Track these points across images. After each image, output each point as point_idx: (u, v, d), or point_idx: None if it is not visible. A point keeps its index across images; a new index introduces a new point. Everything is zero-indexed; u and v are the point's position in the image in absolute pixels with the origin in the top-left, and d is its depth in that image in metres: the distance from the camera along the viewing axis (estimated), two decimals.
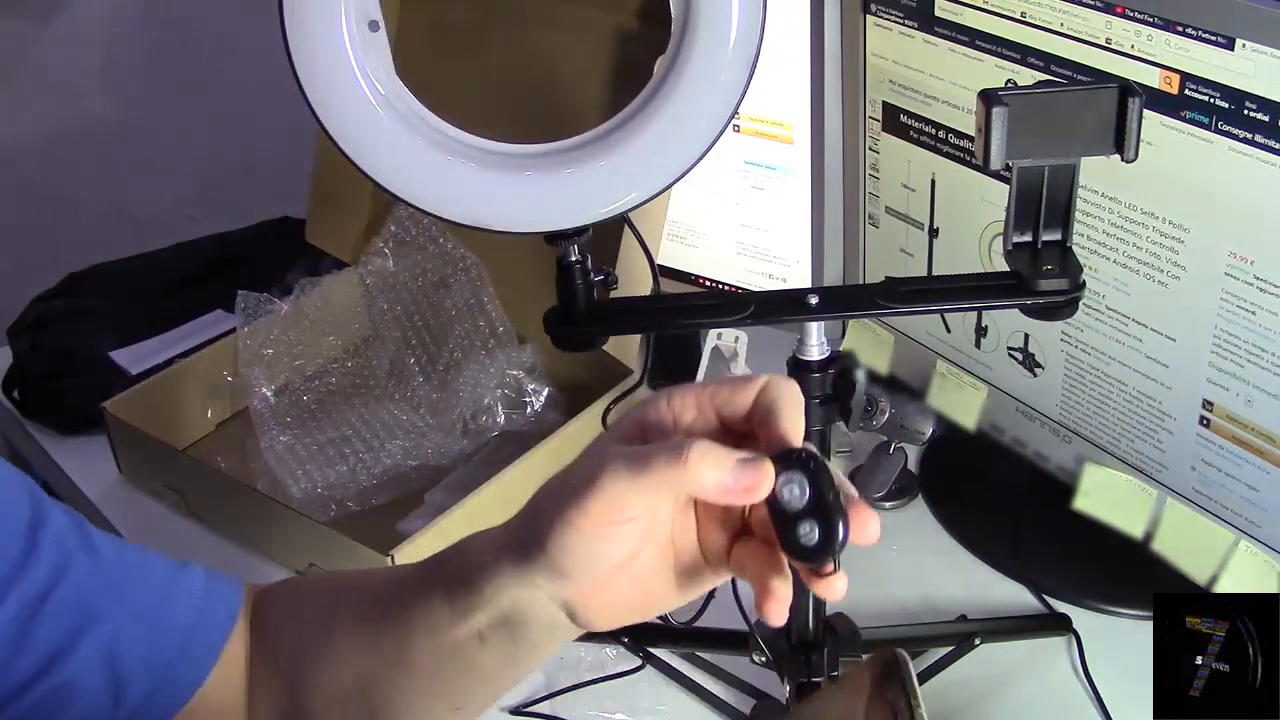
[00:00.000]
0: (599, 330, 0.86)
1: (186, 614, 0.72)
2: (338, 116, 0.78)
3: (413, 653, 0.64)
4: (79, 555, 0.69)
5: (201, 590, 0.73)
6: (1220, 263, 0.85)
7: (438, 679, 0.64)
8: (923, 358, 1.12)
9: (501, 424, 1.20)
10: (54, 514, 0.70)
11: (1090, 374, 0.99)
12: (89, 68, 2.01)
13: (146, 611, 0.71)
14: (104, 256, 1.51)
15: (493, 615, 0.60)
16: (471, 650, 0.61)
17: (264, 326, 1.27)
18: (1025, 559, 1.08)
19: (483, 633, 0.61)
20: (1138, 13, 0.84)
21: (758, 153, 1.19)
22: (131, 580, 0.71)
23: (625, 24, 1.20)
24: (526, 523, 0.58)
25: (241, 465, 1.22)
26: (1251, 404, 0.87)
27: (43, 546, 0.68)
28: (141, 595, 0.71)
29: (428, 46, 1.32)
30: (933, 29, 0.98)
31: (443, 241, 1.28)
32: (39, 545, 0.68)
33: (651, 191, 0.80)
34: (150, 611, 0.71)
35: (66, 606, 0.67)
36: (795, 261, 1.21)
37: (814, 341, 0.85)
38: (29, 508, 0.69)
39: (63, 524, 0.70)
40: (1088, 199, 0.92)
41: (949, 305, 0.90)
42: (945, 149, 1.02)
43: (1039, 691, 0.97)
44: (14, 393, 1.36)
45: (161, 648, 0.70)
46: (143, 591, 0.71)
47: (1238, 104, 0.80)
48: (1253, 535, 0.91)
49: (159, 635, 0.71)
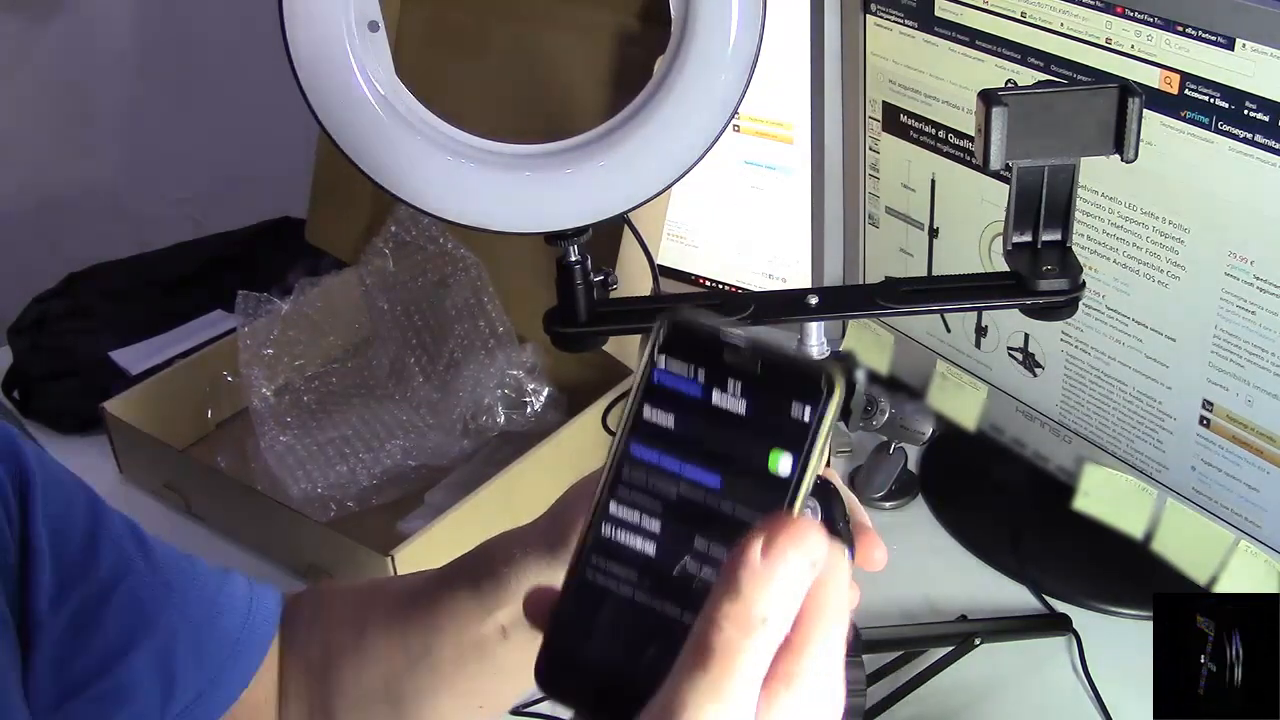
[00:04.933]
0: (599, 330, 0.86)
1: (234, 620, 0.73)
2: (338, 117, 0.78)
3: (439, 649, 0.65)
4: (136, 560, 0.70)
5: (246, 598, 0.74)
6: (1220, 263, 0.85)
7: (461, 675, 0.65)
8: (923, 358, 1.12)
9: (501, 424, 1.20)
10: (112, 519, 0.71)
11: (1090, 374, 0.99)
12: (89, 68, 2.00)
13: (198, 618, 0.72)
14: (104, 256, 1.51)
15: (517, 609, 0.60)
16: (494, 645, 0.63)
17: (264, 326, 1.27)
18: (1025, 559, 1.08)
19: (506, 627, 0.62)
20: (1138, 13, 0.84)
21: (758, 153, 1.19)
22: (184, 587, 0.72)
23: (625, 24, 1.20)
24: (555, 516, 0.59)
25: (241, 465, 1.22)
26: (1251, 404, 0.87)
27: (102, 550, 0.69)
28: (193, 602, 0.72)
29: (428, 46, 1.32)
30: (933, 29, 0.98)
31: (443, 241, 1.27)
32: (98, 549, 0.68)
33: (651, 191, 0.80)
34: (201, 618, 0.72)
35: (124, 609, 0.68)
36: (795, 261, 1.21)
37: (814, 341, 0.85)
38: (88, 513, 0.70)
39: (120, 529, 0.71)
40: (1088, 199, 0.92)
41: (949, 305, 0.90)
42: (945, 149, 1.02)
43: (1039, 691, 0.97)
44: (14, 393, 1.36)
45: (211, 653, 0.71)
46: (194, 598, 0.72)
47: (1238, 104, 0.80)
48: (1253, 535, 0.91)
49: (209, 641, 0.71)
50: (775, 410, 0.42)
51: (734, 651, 0.39)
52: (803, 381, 0.42)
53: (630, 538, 0.44)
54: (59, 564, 0.66)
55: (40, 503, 0.66)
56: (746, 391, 0.43)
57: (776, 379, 0.42)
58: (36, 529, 0.66)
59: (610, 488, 0.44)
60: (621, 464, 0.44)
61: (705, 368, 0.43)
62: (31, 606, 0.65)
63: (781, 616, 0.40)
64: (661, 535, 0.43)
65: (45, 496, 0.67)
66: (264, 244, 1.52)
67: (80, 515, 0.69)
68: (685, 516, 0.43)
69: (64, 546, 0.67)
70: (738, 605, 0.39)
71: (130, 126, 2.04)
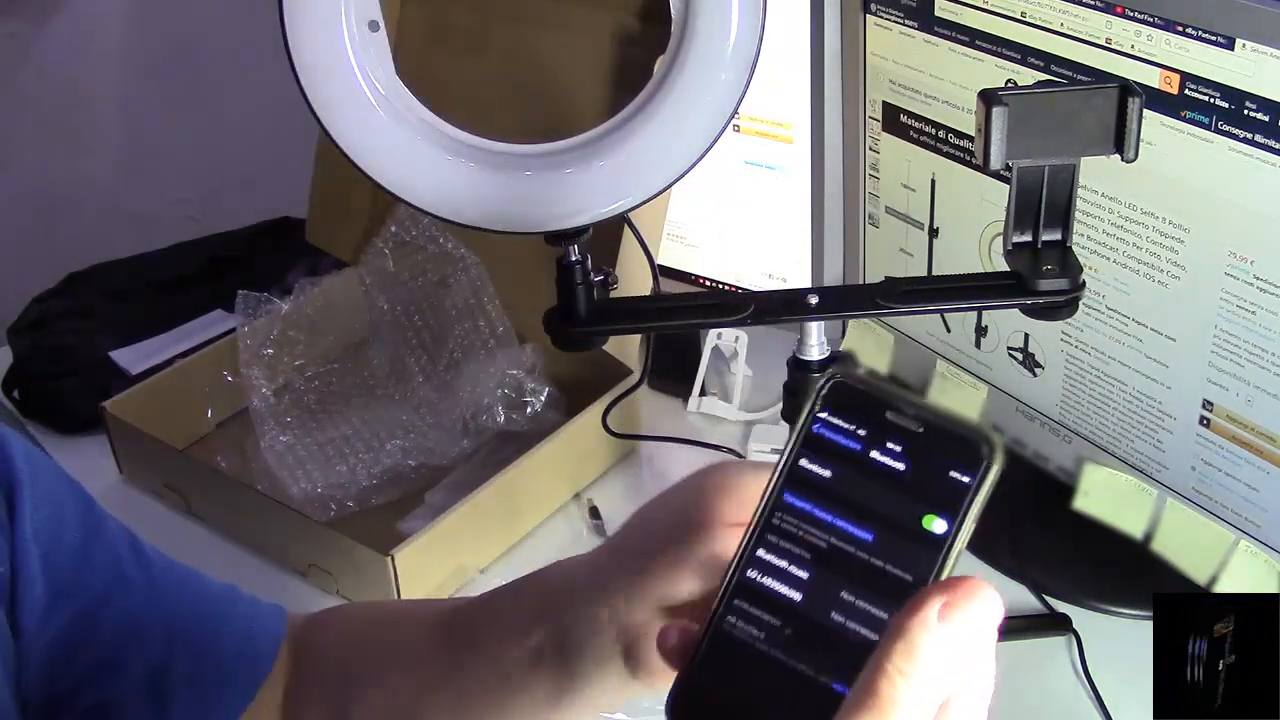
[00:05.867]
0: (599, 330, 0.86)
1: (233, 642, 0.71)
2: (338, 117, 0.78)
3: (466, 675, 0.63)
4: (132, 572, 0.68)
5: (248, 616, 0.72)
6: (1220, 263, 0.85)
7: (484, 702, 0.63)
8: (923, 358, 1.12)
9: (501, 424, 1.20)
10: (107, 528, 0.69)
11: (1090, 374, 0.99)
12: (89, 68, 2.01)
13: (195, 635, 0.69)
14: (104, 256, 1.51)
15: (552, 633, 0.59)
16: (522, 673, 0.61)
17: (264, 326, 1.27)
18: (1025, 559, 1.08)
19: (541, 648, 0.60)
20: (1138, 13, 0.84)
21: (758, 153, 1.19)
22: (182, 602, 0.70)
23: (625, 24, 1.20)
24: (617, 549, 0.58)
25: (241, 465, 1.22)
26: (1251, 404, 0.87)
27: (95, 562, 0.66)
28: (191, 618, 0.70)
29: (428, 46, 1.32)
30: (933, 29, 0.98)
31: (443, 241, 1.27)
32: (91, 561, 0.66)
33: (651, 191, 0.80)
34: (198, 635, 0.69)
35: (116, 625, 0.66)
36: (795, 261, 1.21)
37: (814, 341, 0.85)
38: (82, 522, 0.67)
39: (116, 538, 0.69)
40: (1088, 199, 0.92)
41: (949, 305, 0.90)
42: (945, 149, 1.02)
43: (1039, 691, 0.97)
44: (14, 393, 1.36)
45: (206, 674, 0.69)
46: (192, 614, 0.70)
47: (1238, 104, 0.80)
48: (1253, 535, 0.91)
49: (205, 661, 0.69)
50: (935, 472, 0.43)
51: (904, 703, 0.40)
52: (965, 446, 0.43)
53: (776, 584, 0.45)
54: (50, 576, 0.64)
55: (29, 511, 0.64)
56: (907, 451, 0.44)
57: (939, 441, 0.44)
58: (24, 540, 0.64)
59: (759, 534, 0.45)
60: (773, 511, 0.45)
61: (868, 424, 0.44)
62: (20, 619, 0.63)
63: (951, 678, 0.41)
64: (808, 585, 0.44)
65: (35, 504, 0.64)
66: (264, 244, 1.52)
67: (73, 524, 0.67)
68: (834, 568, 0.44)
69: (55, 558, 0.65)
70: (912, 662, 0.40)
71: (130, 126, 2.04)
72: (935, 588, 0.41)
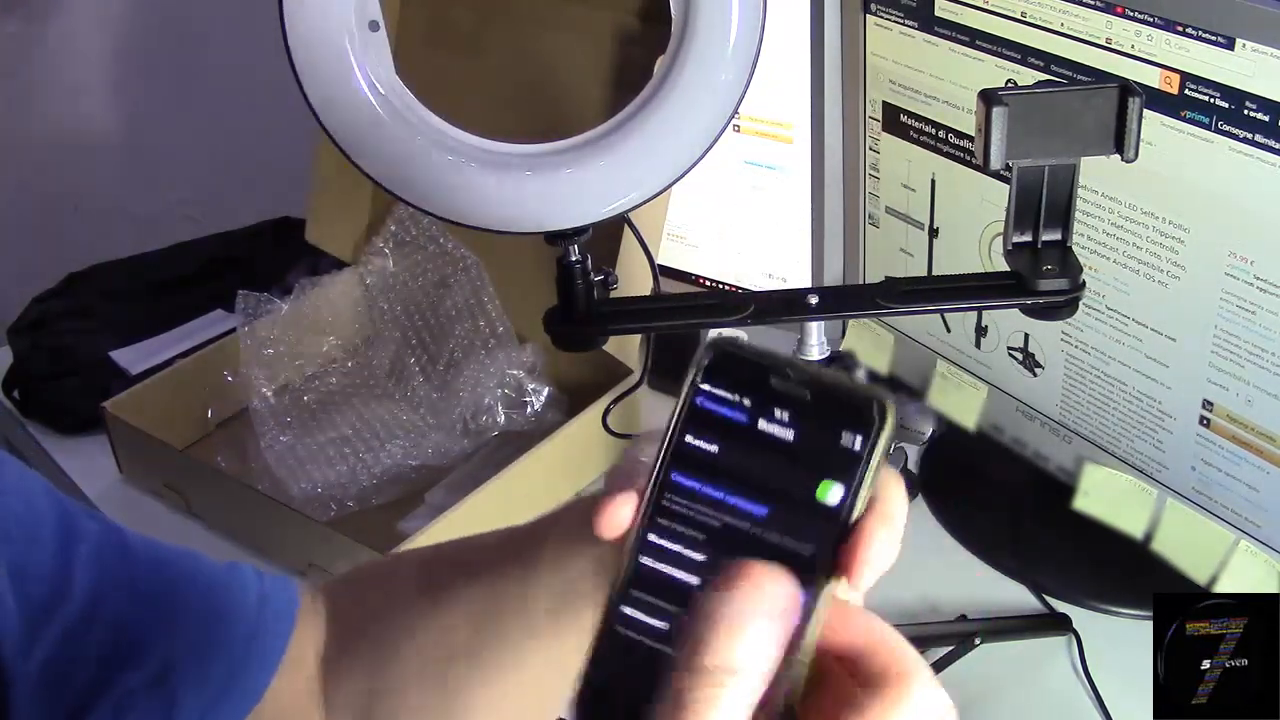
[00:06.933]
0: (599, 330, 0.86)
1: (240, 627, 0.67)
2: (338, 116, 0.78)
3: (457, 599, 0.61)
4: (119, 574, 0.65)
5: (255, 598, 0.68)
6: (1220, 263, 0.85)
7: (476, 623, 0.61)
8: (923, 358, 1.12)
9: (501, 424, 1.20)
10: (87, 533, 0.65)
11: (1090, 374, 0.99)
12: (89, 68, 2.00)
13: (197, 626, 0.66)
14: (104, 256, 1.51)
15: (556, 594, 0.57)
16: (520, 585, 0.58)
17: (264, 326, 1.27)
18: (1025, 559, 1.08)
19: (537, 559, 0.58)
20: (1138, 13, 0.84)
21: (758, 153, 1.19)
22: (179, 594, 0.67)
23: (625, 24, 1.20)
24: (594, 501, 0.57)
25: (241, 465, 1.22)
26: (1251, 404, 0.87)
27: (77, 575, 0.63)
28: (192, 610, 0.67)
29: (428, 46, 1.32)
30: (933, 29, 0.98)
31: (443, 241, 1.28)
32: (72, 575, 0.63)
33: (651, 191, 0.81)
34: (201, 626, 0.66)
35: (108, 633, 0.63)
36: (795, 261, 1.21)
37: (814, 341, 0.85)
38: (57, 535, 0.64)
39: (98, 542, 0.65)
40: (1088, 199, 0.92)
41: (949, 305, 0.90)
42: (945, 149, 1.02)
43: (1039, 691, 0.97)
44: (14, 393, 1.36)
45: (215, 664, 0.66)
46: (192, 605, 0.67)
47: (1238, 104, 0.80)
48: (1253, 535, 0.91)
49: (211, 651, 0.66)
50: (825, 439, 0.41)
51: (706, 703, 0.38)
52: (855, 409, 0.41)
53: (670, 570, 0.42)
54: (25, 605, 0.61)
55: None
56: (795, 419, 0.41)
57: (827, 406, 0.41)
58: None
59: (649, 518, 0.43)
60: (661, 492, 0.43)
61: (752, 394, 0.42)
62: None
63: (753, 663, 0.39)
64: (704, 568, 0.42)
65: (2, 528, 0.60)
66: (264, 244, 1.52)
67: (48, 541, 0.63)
68: (730, 548, 0.41)
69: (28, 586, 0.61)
70: (703, 658, 0.38)
71: (130, 126, 2.04)
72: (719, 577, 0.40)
